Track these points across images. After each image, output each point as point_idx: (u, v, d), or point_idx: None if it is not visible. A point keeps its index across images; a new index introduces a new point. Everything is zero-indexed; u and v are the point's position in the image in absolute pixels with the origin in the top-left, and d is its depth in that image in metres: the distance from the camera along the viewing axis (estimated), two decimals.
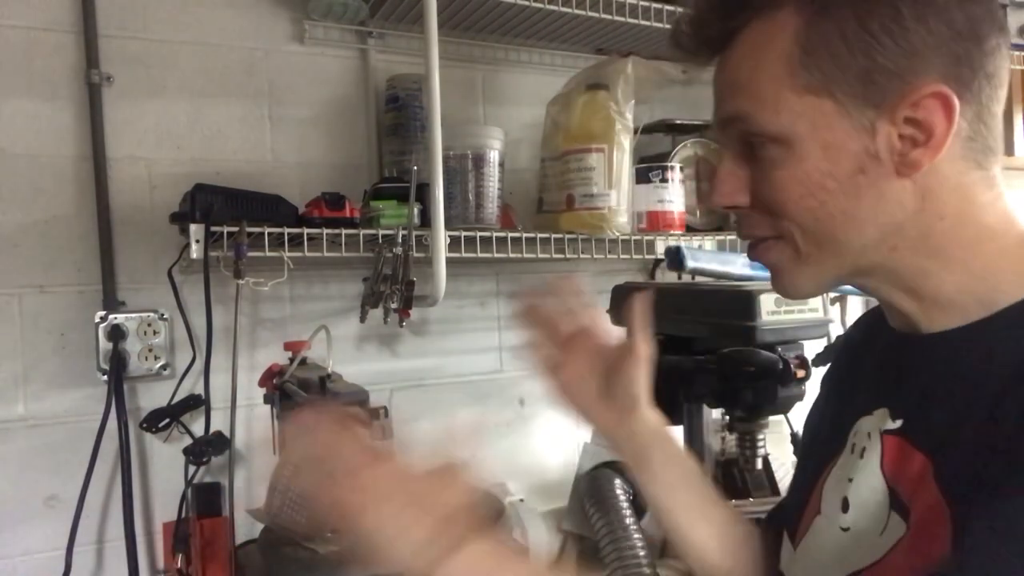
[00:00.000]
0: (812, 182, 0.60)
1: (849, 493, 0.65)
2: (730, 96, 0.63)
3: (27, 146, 1.26)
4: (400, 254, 1.19)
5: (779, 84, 0.60)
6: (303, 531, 1.02)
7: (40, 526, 1.25)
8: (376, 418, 1.08)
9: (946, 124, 0.58)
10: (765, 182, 0.62)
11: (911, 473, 0.59)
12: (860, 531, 0.63)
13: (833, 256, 0.63)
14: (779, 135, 0.60)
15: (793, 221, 0.62)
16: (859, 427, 0.67)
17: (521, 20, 1.44)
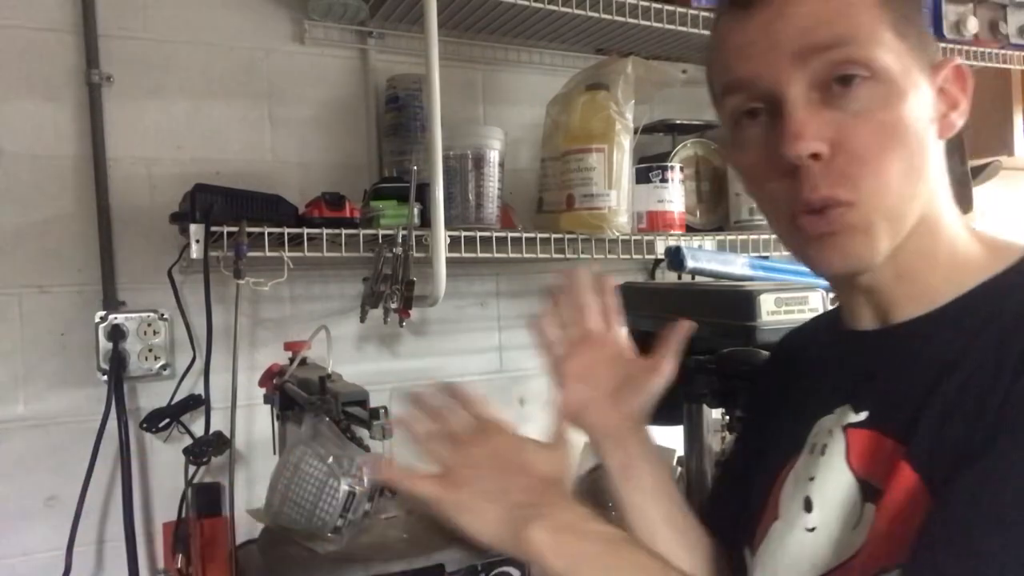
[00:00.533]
0: (911, 125, 0.58)
1: (812, 492, 0.63)
2: (822, 23, 0.57)
3: (27, 146, 1.26)
4: (400, 254, 1.19)
5: (874, 17, 0.58)
6: (303, 531, 1.02)
7: (40, 526, 1.25)
8: (376, 418, 1.07)
9: (965, 97, 0.63)
10: (862, 125, 0.57)
11: (883, 461, 0.59)
12: (830, 529, 0.61)
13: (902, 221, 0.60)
14: (883, 71, 0.57)
15: (880, 177, 0.58)
16: (819, 427, 0.66)
17: (521, 20, 1.44)
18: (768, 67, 0.59)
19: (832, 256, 0.61)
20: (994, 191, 2.01)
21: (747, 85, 0.61)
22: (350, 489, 0.98)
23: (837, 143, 0.57)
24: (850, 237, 0.59)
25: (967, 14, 1.69)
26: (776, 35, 0.58)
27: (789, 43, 0.58)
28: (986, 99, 1.94)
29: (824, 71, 0.57)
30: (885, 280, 0.64)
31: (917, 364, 0.61)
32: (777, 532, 0.66)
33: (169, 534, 1.27)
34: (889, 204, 0.59)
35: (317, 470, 1.00)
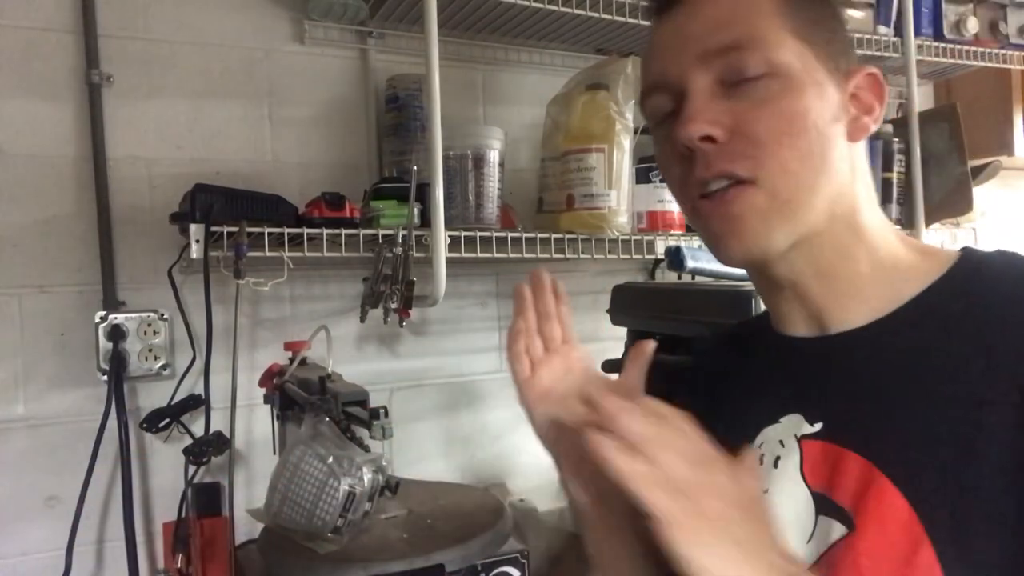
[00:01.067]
0: (807, 118, 0.61)
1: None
2: (724, 26, 0.61)
3: (27, 146, 1.26)
4: (400, 254, 1.19)
5: (777, 23, 0.62)
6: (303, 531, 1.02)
7: (40, 526, 1.25)
8: (376, 418, 1.07)
9: (879, 103, 0.65)
10: (759, 111, 0.60)
11: (848, 476, 0.58)
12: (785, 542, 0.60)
13: (802, 209, 0.61)
14: (780, 68, 0.60)
15: (777, 159, 0.60)
16: (765, 437, 0.66)
17: (521, 20, 1.44)
18: (676, 66, 0.63)
19: (732, 241, 0.62)
20: (994, 191, 2.01)
21: (660, 85, 0.65)
22: (350, 489, 0.97)
23: (734, 128, 0.60)
24: (747, 221, 0.61)
25: (967, 14, 1.69)
26: (684, 37, 0.63)
27: (694, 44, 0.62)
28: (986, 99, 1.94)
29: (725, 70, 0.61)
30: (805, 278, 0.64)
31: (873, 375, 0.61)
32: None
33: (169, 534, 1.27)
34: (786, 188, 0.60)
35: (317, 470, 0.99)
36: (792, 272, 0.64)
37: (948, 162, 1.65)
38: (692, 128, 0.60)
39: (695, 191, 0.63)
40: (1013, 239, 2.16)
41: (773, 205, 0.60)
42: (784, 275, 0.65)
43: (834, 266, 0.64)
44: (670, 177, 0.67)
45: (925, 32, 1.66)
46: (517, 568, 1.11)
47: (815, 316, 0.66)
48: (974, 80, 1.93)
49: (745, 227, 0.61)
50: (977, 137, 1.79)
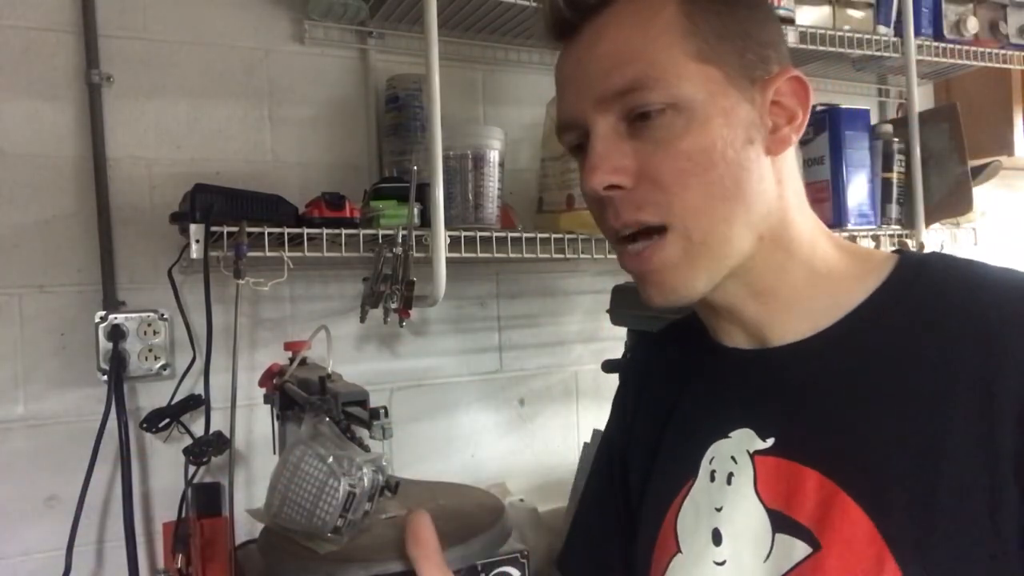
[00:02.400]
0: (716, 150, 0.58)
1: (720, 524, 0.61)
2: (619, 66, 0.59)
3: (27, 146, 1.26)
4: (400, 254, 1.19)
5: (675, 51, 0.59)
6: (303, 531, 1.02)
7: (40, 526, 1.25)
8: (376, 418, 1.07)
9: (803, 109, 0.61)
10: (662, 155, 0.58)
11: (806, 492, 0.57)
12: (741, 562, 0.60)
13: (721, 246, 0.60)
14: (682, 101, 0.58)
15: (685, 201, 0.58)
16: (716, 451, 0.64)
17: (521, 20, 1.44)
18: (577, 107, 0.61)
19: (652, 292, 0.62)
20: (994, 191, 2.01)
21: (568, 124, 0.63)
22: (350, 489, 0.97)
23: (641, 173, 0.59)
24: (664, 273, 0.60)
25: (967, 14, 1.69)
26: (583, 75, 0.61)
27: (592, 87, 0.60)
28: (986, 99, 1.94)
29: (625, 109, 0.59)
30: (740, 300, 0.63)
31: (823, 388, 0.60)
32: (681, 566, 0.64)
33: (169, 534, 1.27)
34: (699, 228, 0.59)
35: (317, 470, 0.99)
36: (726, 298, 0.63)
37: (948, 162, 1.65)
38: (595, 179, 0.59)
39: (610, 236, 0.63)
40: (1013, 239, 2.16)
41: (689, 250, 0.59)
42: (718, 302, 0.64)
43: (769, 285, 0.62)
44: (591, 211, 0.65)
45: (925, 32, 1.66)
46: (517, 568, 1.11)
47: (756, 332, 0.64)
48: (974, 80, 1.93)
49: (663, 279, 0.60)
50: (977, 137, 1.79)
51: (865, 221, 1.58)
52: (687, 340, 0.74)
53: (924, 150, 1.63)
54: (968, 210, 1.68)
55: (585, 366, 1.65)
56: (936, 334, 0.56)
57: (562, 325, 1.65)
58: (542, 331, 1.63)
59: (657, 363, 0.78)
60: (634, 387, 0.79)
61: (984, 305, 0.56)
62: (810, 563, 0.55)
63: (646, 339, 0.84)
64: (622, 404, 0.79)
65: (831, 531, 0.55)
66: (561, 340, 1.65)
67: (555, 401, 1.64)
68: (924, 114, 1.68)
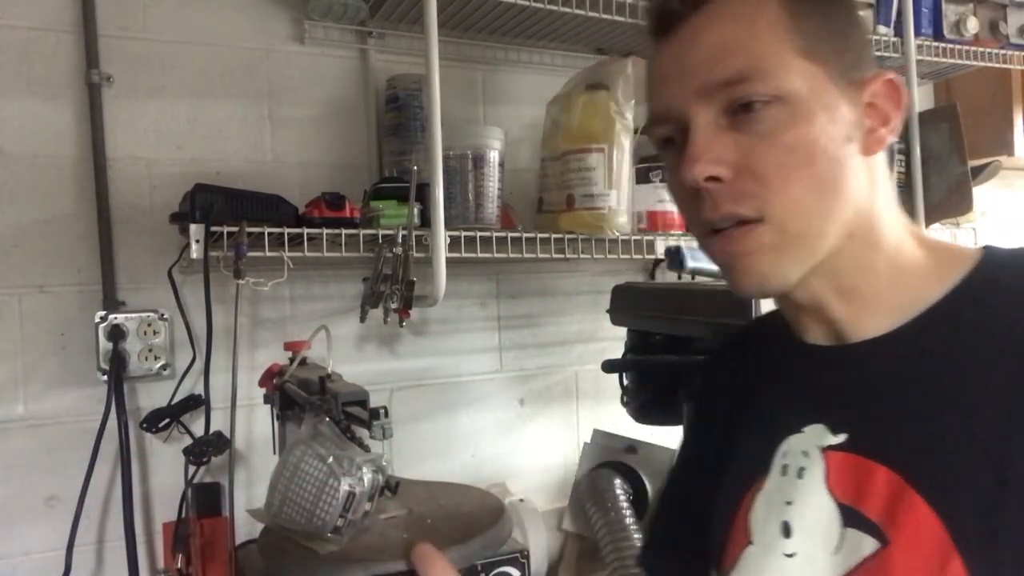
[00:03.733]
0: (819, 145, 0.59)
1: (790, 517, 0.62)
2: (724, 57, 0.59)
3: (27, 146, 1.26)
4: (400, 254, 1.19)
5: (780, 46, 0.59)
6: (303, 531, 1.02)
7: (40, 526, 1.25)
8: (376, 418, 1.07)
9: (897, 111, 0.63)
10: (764, 147, 0.59)
11: (876, 489, 0.57)
12: (810, 555, 0.60)
13: (815, 240, 0.60)
14: (788, 95, 0.59)
15: (785, 195, 0.59)
16: (788, 446, 0.65)
17: (521, 20, 1.45)
18: (677, 99, 0.61)
19: (743, 278, 0.62)
20: (994, 191, 2.01)
21: (664, 116, 0.63)
22: (350, 489, 0.97)
23: (741, 165, 0.59)
24: (756, 257, 0.60)
25: (967, 14, 1.69)
26: (685, 67, 0.61)
27: (695, 77, 0.60)
28: (986, 99, 1.94)
29: (729, 101, 0.59)
30: (826, 297, 0.63)
31: (897, 386, 0.60)
32: (752, 558, 0.65)
33: (169, 534, 1.27)
34: (798, 223, 0.60)
35: (317, 470, 0.99)
36: (811, 294, 0.63)
37: (948, 162, 1.65)
38: (696, 170, 0.59)
39: (703, 229, 0.62)
40: (1013, 239, 2.16)
41: (783, 241, 0.60)
42: (803, 298, 0.64)
43: (854, 283, 0.63)
44: (678, 205, 0.66)
45: (925, 32, 1.66)
46: (517, 568, 1.11)
47: (836, 329, 0.65)
48: (974, 80, 1.93)
49: (753, 264, 0.60)
50: (977, 137, 1.79)
51: None
52: (767, 338, 0.75)
53: (924, 150, 1.63)
54: (968, 210, 1.68)
55: (585, 366, 1.65)
56: (1012, 334, 0.56)
57: (562, 325, 1.65)
58: (542, 331, 1.63)
59: (729, 370, 0.79)
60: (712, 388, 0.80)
61: None
62: (877, 558, 0.56)
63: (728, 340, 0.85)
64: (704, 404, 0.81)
65: (899, 527, 0.55)
66: (561, 340, 1.65)
67: (555, 401, 1.64)
68: (924, 114, 1.68)
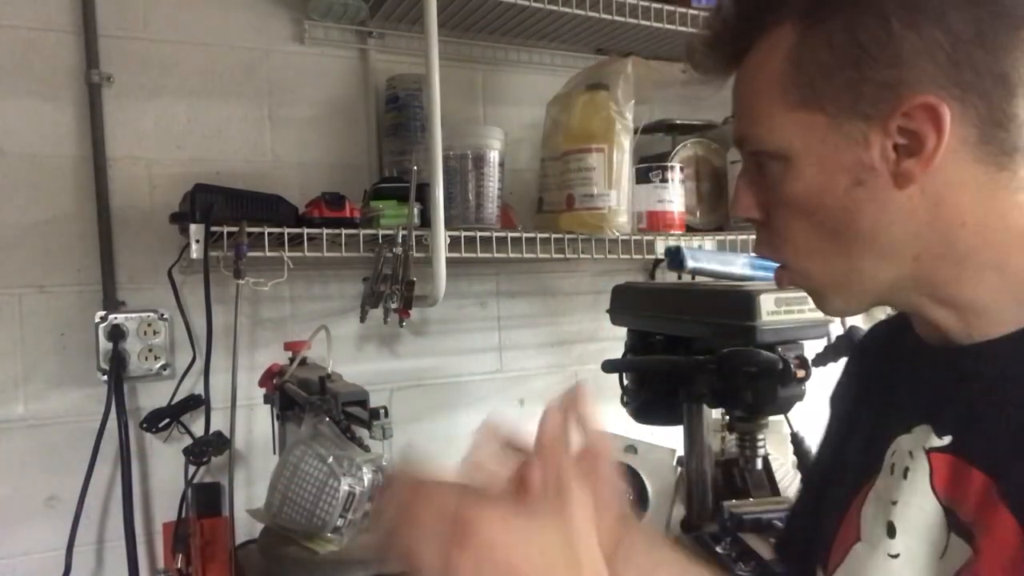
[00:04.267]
0: (812, 196, 0.60)
1: (895, 517, 0.61)
2: (737, 117, 0.66)
3: (27, 146, 1.26)
4: (400, 254, 1.19)
5: (772, 103, 0.61)
6: (303, 531, 1.02)
7: (40, 526, 1.25)
8: (376, 418, 1.07)
9: (936, 135, 0.56)
10: (773, 198, 0.63)
11: (970, 493, 0.56)
12: (914, 557, 0.60)
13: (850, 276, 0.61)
14: (776, 152, 0.61)
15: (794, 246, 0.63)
16: (897, 446, 0.64)
17: (521, 20, 1.44)
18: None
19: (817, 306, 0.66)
20: None
21: None
22: (350, 489, 0.97)
23: (766, 210, 0.65)
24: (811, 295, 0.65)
25: None
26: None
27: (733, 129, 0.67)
28: None
29: (748, 154, 0.65)
30: (923, 306, 0.62)
31: (999, 391, 0.58)
32: (859, 555, 0.65)
33: (169, 534, 1.27)
34: (816, 269, 0.63)
35: (317, 470, 1.00)
36: (908, 305, 0.63)
37: None
38: (735, 213, 0.67)
39: None
40: None
41: (814, 285, 0.63)
42: (902, 306, 0.65)
43: (949, 294, 0.61)
44: None
45: None
46: None
47: (944, 332, 0.63)
48: None
49: (815, 299, 0.66)
50: None
51: None
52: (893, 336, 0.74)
53: None
54: None
55: (585, 366, 1.65)
56: None
57: (562, 325, 1.65)
58: (542, 331, 1.63)
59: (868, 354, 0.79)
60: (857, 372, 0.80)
61: None
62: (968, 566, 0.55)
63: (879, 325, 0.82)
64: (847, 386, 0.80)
65: (984, 535, 0.55)
66: (561, 340, 1.65)
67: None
68: None
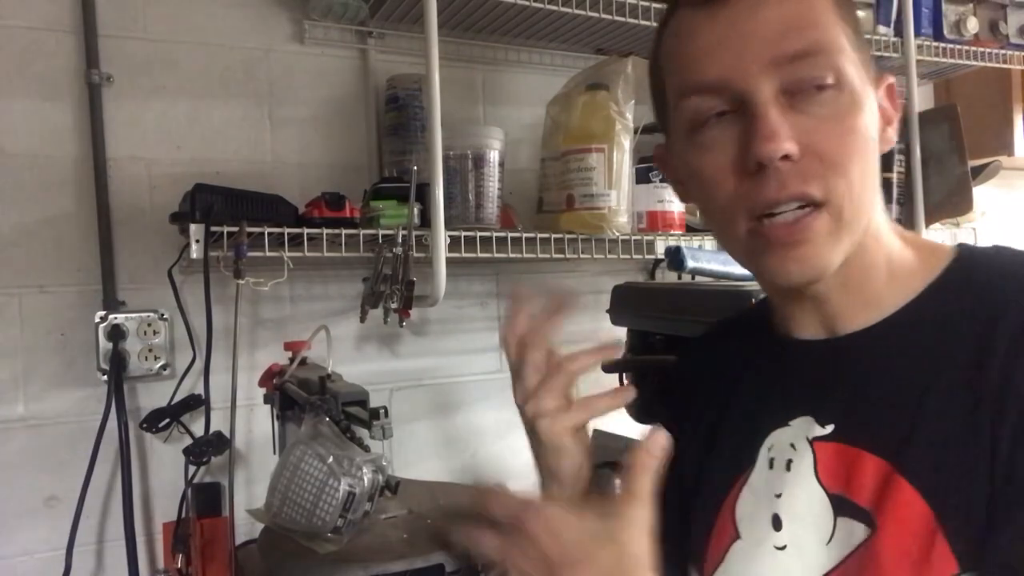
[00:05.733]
0: (870, 134, 0.61)
1: (780, 509, 0.63)
2: (796, 30, 0.58)
3: (27, 146, 1.26)
4: (400, 254, 1.19)
5: (837, 31, 0.60)
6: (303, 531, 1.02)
7: (40, 526, 1.25)
8: (376, 418, 1.07)
9: (897, 113, 0.65)
10: (830, 130, 0.58)
11: (865, 477, 0.58)
12: (801, 545, 0.61)
13: (858, 227, 0.61)
14: (847, 81, 0.59)
15: (847, 180, 0.58)
16: (775, 440, 0.65)
17: (521, 20, 1.44)
18: (740, 70, 0.58)
19: (791, 266, 0.60)
20: (994, 191, 2.01)
21: (715, 87, 0.60)
22: (350, 489, 0.97)
23: (805, 146, 0.57)
24: (815, 244, 0.59)
25: (967, 14, 1.69)
26: (748, 37, 0.58)
27: (763, 48, 0.58)
28: (986, 99, 1.94)
29: (796, 77, 0.58)
30: (832, 289, 0.64)
31: (881, 376, 0.61)
32: (741, 552, 0.65)
33: (169, 534, 1.27)
34: (852, 209, 0.59)
35: (317, 470, 0.99)
36: (825, 287, 0.64)
37: (948, 162, 1.65)
38: (775, 146, 0.56)
39: (759, 209, 0.59)
40: (1013, 239, 2.16)
41: (838, 227, 0.59)
42: (812, 290, 0.64)
43: (859, 275, 0.63)
44: (719, 187, 0.61)
45: (925, 32, 1.66)
46: None
47: (828, 321, 0.66)
48: (974, 80, 1.93)
49: (810, 251, 0.59)
50: (977, 137, 1.79)
51: None
52: (744, 335, 0.75)
53: (924, 150, 1.63)
54: (968, 210, 1.67)
55: None
56: (990, 324, 0.57)
57: (562, 325, 1.64)
58: None
59: (708, 363, 0.79)
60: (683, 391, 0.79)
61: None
62: (867, 544, 0.57)
63: (694, 344, 0.85)
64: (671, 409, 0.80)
65: (887, 512, 0.56)
66: (561, 340, 1.65)
67: None
68: (924, 114, 1.68)
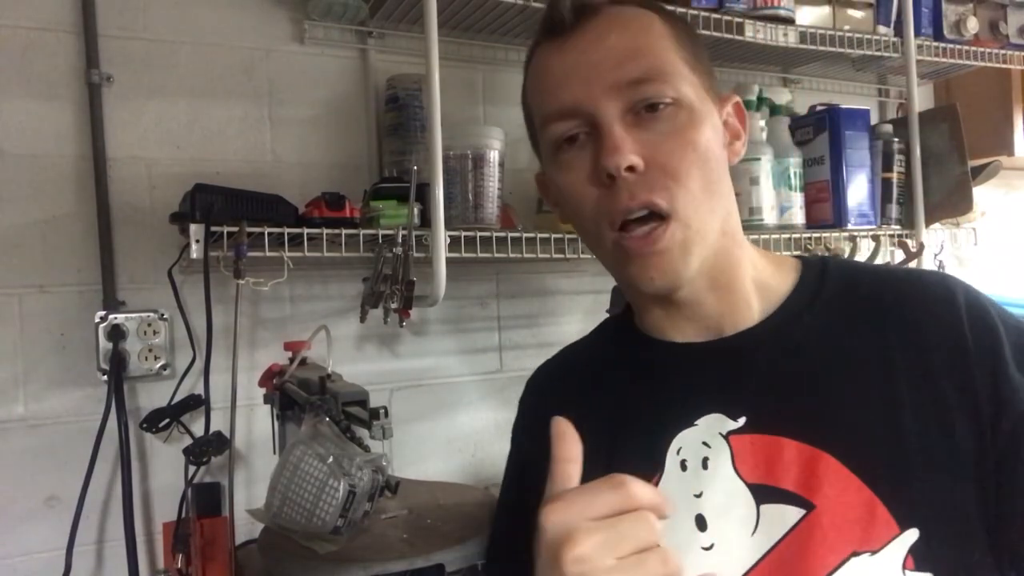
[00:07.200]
0: (709, 147, 0.66)
1: (703, 509, 0.63)
2: (632, 58, 0.65)
3: (27, 146, 1.26)
4: (400, 254, 1.19)
5: (672, 55, 0.66)
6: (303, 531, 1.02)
7: (40, 526, 1.25)
8: (376, 418, 1.07)
9: (744, 130, 0.73)
10: (671, 143, 0.64)
11: (790, 462, 0.61)
12: (727, 540, 0.62)
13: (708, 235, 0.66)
14: (683, 99, 0.65)
15: (689, 190, 0.64)
16: (682, 442, 0.66)
17: (521, 20, 1.44)
18: (587, 94, 0.65)
19: (652, 274, 0.66)
20: (994, 191, 2.01)
21: (569, 112, 0.66)
22: (350, 489, 0.97)
23: (649, 159, 0.64)
24: (668, 255, 0.65)
25: (967, 14, 1.69)
26: (593, 66, 0.65)
27: (607, 74, 0.64)
28: (986, 99, 1.94)
29: (635, 99, 0.64)
30: (702, 294, 0.68)
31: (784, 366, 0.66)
32: None
33: (169, 534, 1.27)
34: (698, 218, 0.65)
35: (317, 470, 0.99)
36: (690, 293, 0.68)
37: (948, 162, 1.65)
38: (619, 158, 0.63)
39: (616, 218, 0.65)
40: (1013, 239, 2.16)
41: (687, 236, 0.64)
42: (682, 297, 0.68)
43: (727, 278, 0.69)
44: (582, 201, 0.67)
45: (925, 32, 1.66)
46: None
47: (710, 322, 0.70)
48: (974, 80, 1.93)
49: (665, 262, 0.65)
50: (977, 137, 1.79)
51: (865, 221, 1.58)
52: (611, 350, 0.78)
53: (924, 150, 1.63)
54: (968, 210, 1.68)
55: None
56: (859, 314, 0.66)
57: (562, 325, 1.65)
58: (542, 331, 1.63)
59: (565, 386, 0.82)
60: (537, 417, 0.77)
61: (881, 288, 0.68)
62: (804, 524, 0.59)
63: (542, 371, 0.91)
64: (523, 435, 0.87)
65: (820, 490, 0.59)
66: (561, 340, 1.63)
67: None
68: (924, 114, 1.68)
